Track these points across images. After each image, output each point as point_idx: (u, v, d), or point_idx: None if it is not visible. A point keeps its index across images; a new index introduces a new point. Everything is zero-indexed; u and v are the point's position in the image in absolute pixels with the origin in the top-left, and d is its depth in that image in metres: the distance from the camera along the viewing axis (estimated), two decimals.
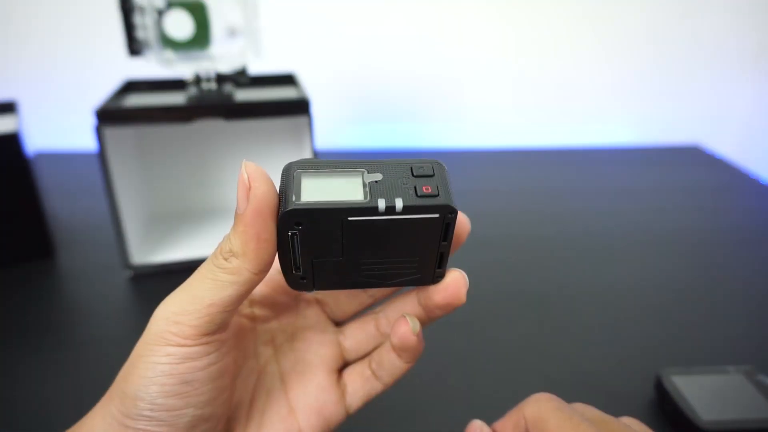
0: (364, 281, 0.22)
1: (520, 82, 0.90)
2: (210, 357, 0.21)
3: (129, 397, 0.20)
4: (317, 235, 0.20)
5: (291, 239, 0.20)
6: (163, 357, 0.20)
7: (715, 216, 0.68)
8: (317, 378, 0.26)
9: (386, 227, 0.20)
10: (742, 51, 0.90)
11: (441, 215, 0.20)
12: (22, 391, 0.39)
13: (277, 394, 0.25)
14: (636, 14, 0.86)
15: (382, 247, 0.21)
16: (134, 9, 0.48)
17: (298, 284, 0.22)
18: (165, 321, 0.20)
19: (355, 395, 0.26)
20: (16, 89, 0.79)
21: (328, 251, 0.20)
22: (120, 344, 0.46)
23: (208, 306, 0.20)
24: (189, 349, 0.20)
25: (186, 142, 0.61)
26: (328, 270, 0.21)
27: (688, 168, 0.84)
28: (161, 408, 0.20)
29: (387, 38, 0.85)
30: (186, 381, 0.20)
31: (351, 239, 0.20)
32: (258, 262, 0.20)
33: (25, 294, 0.51)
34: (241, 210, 0.19)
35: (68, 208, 0.66)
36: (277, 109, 0.51)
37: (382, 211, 0.19)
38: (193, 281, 0.21)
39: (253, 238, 0.19)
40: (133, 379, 0.20)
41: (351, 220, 0.19)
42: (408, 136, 0.93)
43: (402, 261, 0.21)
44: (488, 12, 0.85)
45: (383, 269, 0.21)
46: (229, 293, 0.20)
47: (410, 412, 0.38)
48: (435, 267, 0.22)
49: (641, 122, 0.95)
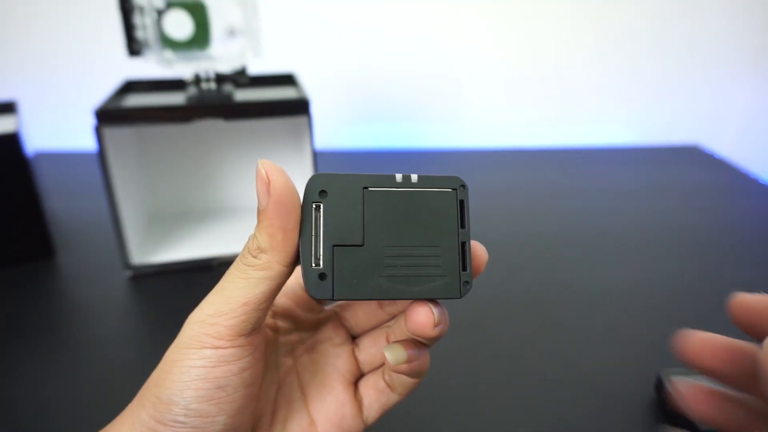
0: (388, 286, 0.21)
1: (519, 83, 0.90)
2: (243, 361, 0.21)
3: (163, 402, 0.20)
4: (339, 208, 0.21)
5: (315, 214, 0.20)
6: (199, 360, 0.20)
7: (714, 216, 0.68)
8: (335, 391, 0.26)
9: (405, 203, 0.21)
10: (742, 51, 0.90)
11: (454, 190, 0.21)
12: (22, 391, 0.39)
13: (297, 405, 0.26)
14: (636, 15, 0.86)
15: (403, 229, 0.21)
16: (134, 9, 0.48)
17: (318, 286, 0.20)
18: (200, 324, 0.20)
19: (371, 408, 0.26)
20: (16, 89, 0.79)
21: (350, 232, 0.21)
22: (120, 344, 0.46)
23: (243, 305, 0.20)
24: (224, 351, 0.20)
25: (186, 142, 0.61)
26: (350, 266, 0.20)
27: (687, 168, 0.84)
28: (195, 414, 0.20)
29: (387, 38, 0.85)
30: (221, 386, 0.20)
31: (372, 215, 0.21)
32: (287, 254, 0.20)
33: (25, 294, 0.51)
34: (263, 205, 0.20)
35: (68, 208, 0.66)
36: (277, 109, 0.51)
37: (399, 181, 0.21)
38: (224, 283, 0.21)
39: (279, 230, 0.20)
40: (167, 384, 0.20)
41: (371, 189, 0.21)
42: (408, 136, 0.93)
43: (426, 251, 0.21)
44: (488, 12, 0.85)
45: (408, 261, 0.21)
46: (262, 290, 0.20)
47: (410, 413, 0.38)
48: (460, 268, 0.21)
49: (641, 122, 0.95)
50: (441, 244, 0.21)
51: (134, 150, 0.58)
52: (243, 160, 0.63)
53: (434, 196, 0.21)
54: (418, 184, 0.21)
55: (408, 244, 0.21)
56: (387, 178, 0.21)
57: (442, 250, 0.21)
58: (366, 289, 0.20)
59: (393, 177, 0.21)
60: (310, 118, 0.51)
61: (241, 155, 0.63)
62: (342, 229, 0.21)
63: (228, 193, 0.65)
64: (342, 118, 0.91)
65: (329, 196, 0.21)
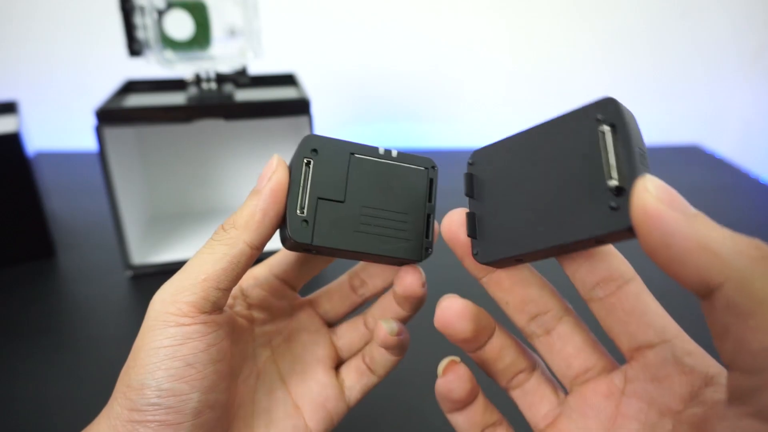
0: (360, 240, 0.23)
1: (519, 82, 0.90)
2: (209, 338, 0.21)
3: (134, 388, 0.20)
4: (327, 167, 0.23)
5: (305, 169, 0.22)
6: (165, 340, 0.21)
7: (715, 216, 0.67)
8: (317, 375, 0.27)
9: (384, 172, 0.24)
10: (741, 51, 0.90)
11: (426, 169, 0.25)
12: (22, 391, 0.39)
13: (279, 393, 0.26)
14: (636, 15, 0.86)
15: (379, 195, 0.24)
16: (134, 9, 0.48)
17: (300, 229, 0.22)
18: (161, 303, 0.21)
19: (353, 389, 0.27)
20: (17, 89, 0.79)
21: (333, 188, 0.23)
22: (120, 344, 0.46)
23: (203, 281, 0.21)
24: (188, 328, 0.21)
25: (186, 142, 0.61)
26: (329, 217, 0.22)
27: (688, 168, 0.84)
28: (168, 393, 0.20)
29: (387, 38, 0.85)
30: (189, 363, 0.21)
31: (354, 177, 0.23)
32: (256, 235, 0.21)
33: (26, 294, 0.51)
34: (259, 187, 0.22)
35: (68, 208, 0.66)
36: (277, 109, 0.51)
37: (381, 153, 0.24)
38: (191, 260, 0.22)
39: (260, 211, 0.21)
40: (136, 368, 0.21)
41: (356, 156, 0.23)
42: (408, 136, 0.93)
43: (397, 216, 0.24)
44: (488, 12, 0.85)
45: (380, 222, 0.23)
46: (222, 266, 0.21)
47: (409, 410, 0.38)
48: (424, 235, 0.24)
49: (641, 122, 0.94)
50: (410, 212, 0.24)
51: (134, 150, 0.58)
52: (243, 160, 0.63)
53: (409, 171, 0.24)
54: (397, 159, 0.24)
55: (382, 208, 0.24)
56: (371, 149, 0.24)
57: (410, 217, 0.24)
58: (341, 239, 0.23)
59: (377, 149, 0.24)
60: (311, 118, 0.51)
61: (241, 155, 0.63)
62: (327, 185, 0.23)
63: (228, 193, 0.65)
64: (342, 118, 0.91)
65: (319, 155, 0.23)
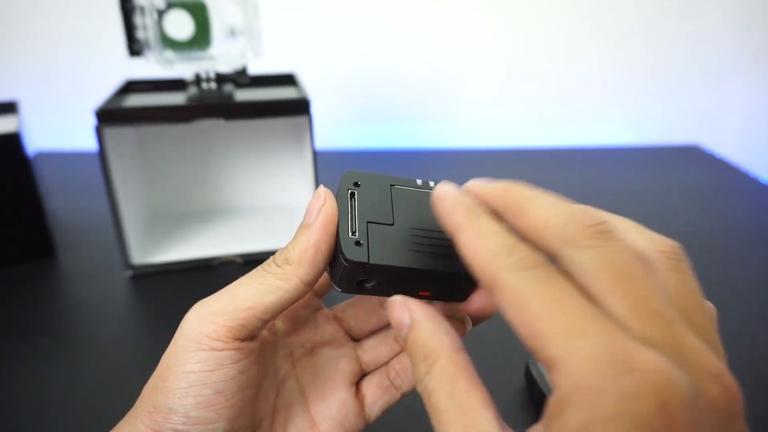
0: (418, 258, 0.22)
1: (519, 83, 0.90)
2: (239, 365, 0.21)
3: (161, 411, 0.20)
4: (371, 195, 0.23)
5: (350, 200, 0.23)
6: (196, 365, 0.20)
7: (714, 216, 0.68)
8: (337, 392, 0.26)
9: (425, 200, 0.23)
10: (741, 51, 0.90)
11: None
12: (22, 391, 0.39)
13: (298, 408, 0.25)
14: (636, 15, 0.86)
15: (425, 218, 0.23)
16: (134, 9, 0.48)
17: (355, 250, 0.21)
18: (199, 319, 0.20)
19: (374, 405, 0.26)
20: (17, 89, 0.79)
21: (381, 213, 0.23)
22: (120, 344, 0.46)
23: (248, 309, 0.20)
24: (220, 354, 0.20)
25: (186, 142, 0.61)
26: (381, 239, 0.22)
27: (687, 168, 0.84)
28: (194, 421, 0.20)
29: (387, 38, 0.85)
30: (219, 391, 0.20)
31: (398, 204, 0.23)
32: (310, 271, 0.21)
33: (26, 294, 0.51)
34: (310, 220, 0.21)
35: (68, 208, 0.66)
36: (277, 109, 0.51)
37: (419, 184, 0.25)
38: (237, 285, 0.21)
39: (313, 247, 0.21)
40: (164, 391, 0.20)
41: (396, 186, 0.24)
42: (408, 136, 0.93)
43: (445, 236, 0.22)
44: (488, 12, 0.85)
45: (431, 242, 0.23)
46: (272, 299, 0.21)
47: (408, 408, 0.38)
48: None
49: (640, 122, 0.95)
50: None
51: (134, 150, 0.58)
52: (243, 160, 0.63)
53: None
54: None
55: (431, 229, 0.23)
56: (409, 180, 0.25)
57: None
58: (398, 257, 0.22)
59: (415, 181, 0.25)
60: (311, 118, 0.51)
61: (241, 155, 0.63)
62: (374, 211, 0.23)
63: (228, 193, 0.65)
64: (342, 118, 0.91)
65: (362, 187, 0.23)
